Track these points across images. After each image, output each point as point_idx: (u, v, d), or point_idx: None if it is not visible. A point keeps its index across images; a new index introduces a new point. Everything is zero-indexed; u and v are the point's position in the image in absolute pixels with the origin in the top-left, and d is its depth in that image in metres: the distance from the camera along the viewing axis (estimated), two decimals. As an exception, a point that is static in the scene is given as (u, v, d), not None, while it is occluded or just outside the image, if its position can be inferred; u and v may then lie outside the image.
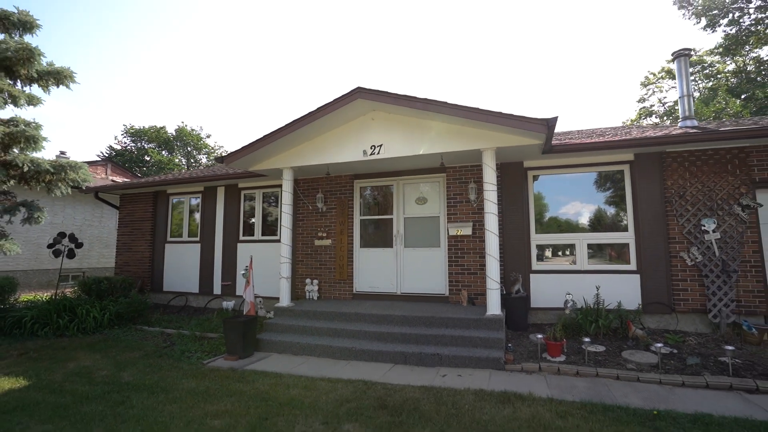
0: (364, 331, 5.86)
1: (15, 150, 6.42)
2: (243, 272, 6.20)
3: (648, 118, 23.69)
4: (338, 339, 5.89)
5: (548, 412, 3.64)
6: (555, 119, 5.05)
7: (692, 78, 22.35)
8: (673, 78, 23.75)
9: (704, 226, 5.95)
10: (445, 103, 5.49)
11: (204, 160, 40.47)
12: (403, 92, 5.81)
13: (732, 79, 19.01)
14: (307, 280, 7.85)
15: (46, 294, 10.23)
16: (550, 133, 5.34)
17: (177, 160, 37.28)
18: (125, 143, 36.96)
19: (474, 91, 70.13)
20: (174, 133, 37.89)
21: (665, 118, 22.34)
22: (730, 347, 4.49)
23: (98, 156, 35.11)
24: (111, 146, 35.84)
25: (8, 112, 14.67)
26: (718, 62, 19.77)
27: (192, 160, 39.98)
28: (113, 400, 4.15)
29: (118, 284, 8.70)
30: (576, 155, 6.56)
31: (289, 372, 5.02)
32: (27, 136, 5.62)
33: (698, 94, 22.00)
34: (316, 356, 5.67)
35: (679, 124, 7.36)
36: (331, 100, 6.08)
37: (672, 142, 5.97)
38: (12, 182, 6.94)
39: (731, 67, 20.03)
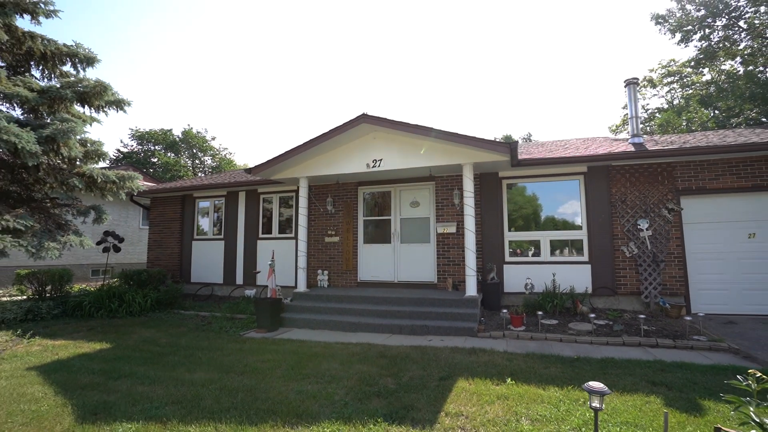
0: (367, 310, 7.31)
1: (78, 162, 7.84)
2: (270, 263, 7.63)
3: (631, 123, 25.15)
4: (346, 316, 7.33)
5: (501, 358, 5.11)
6: (516, 143, 6.52)
7: (670, 87, 23.89)
8: (655, 86, 25.32)
9: (640, 225, 7.43)
10: (432, 128, 6.95)
11: (209, 161, 41.86)
12: (400, 117, 7.27)
13: (710, 89, 20.41)
14: (319, 271, 9.31)
15: (87, 285, 11.65)
16: (513, 153, 6.80)
17: (183, 162, 38.63)
18: (132, 146, 38.26)
19: (477, 94, 71.60)
20: (180, 136, 39.21)
21: (646, 124, 23.83)
22: (642, 316, 6.00)
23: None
24: (119, 149, 37.12)
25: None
26: (692, 73, 21.26)
27: (197, 161, 41.38)
28: (182, 354, 5.60)
29: (155, 275, 10.15)
30: (540, 167, 8.03)
31: (310, 339, 6.47)
32: (98, 153, 7.05)
33: (677, 102, 23.55)
34: (329, 329, 7.11)
35: (629, 141, 8.83)
36: (341, 123, 7.53)
37: (614, 158, 7.45)
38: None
39: (708, 77, 21.53)
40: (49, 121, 6.46)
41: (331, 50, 72.85)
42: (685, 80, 22.53)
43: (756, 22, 17.52)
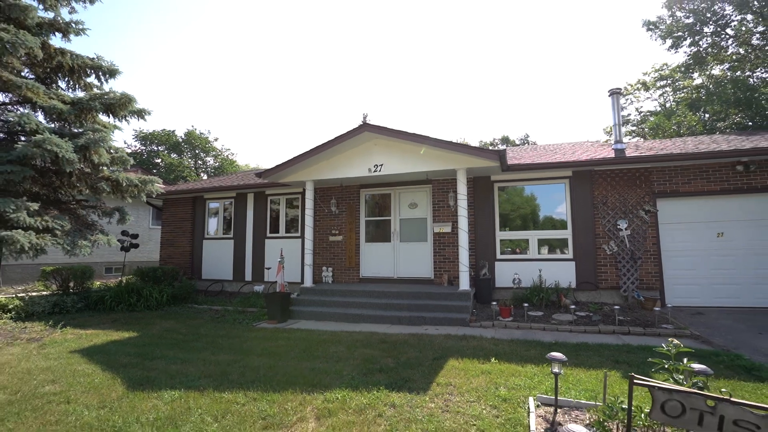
0: (369, 303, 7.97)
1: (103, 167, 8.48)
2: (279, 260, 8.28)
3: (624, 126, 25.87)
4: (350, 309, 7.99)
5: (488, 343, 5.77)
6: (504, 150, 7.18)
7: (663, 91, 24.58)
8: (648, 89, 25.97)
9: (619, 225, 8.09)
10: (428, 137, 7.60)
11: (211, 162, 42.59)
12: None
13: (701, 93, 21.01)
14: (324, 268, 9.97)
15: (102, 282, 12.29)
16: (502, 159, 7.45)
17: (186, 163, 39.29)
18: (136, 147, 38.87)
19: (478, 96, 72.21)
20: (183, 137, 39.87)
21: (639, 126, 24.48)
22: (617, 307, 6.67)
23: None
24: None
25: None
26: (683, 78, 21.90)
27: (200, 162, 42.09)
28: (204, 341, 6.25)
29: (169, 272, 10.79)
30: (528, 172, 8.68)
31: (317, 329, 7.12)
32: (123, 159, 7.70)
33: (669, 105, 24.21)
34: (335, 321, 7.76)
35: (612, 147, 9.49)
36: (345, 132, 8.18)
37: (596, 164, 8.11)
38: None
39: (699, 81, 22.16)
40: (79, 130, 7.13)
41: (332, 51, 73.45)
42: (677, 84, 23.18)
43: (742, 28, 18.17)
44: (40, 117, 7.78)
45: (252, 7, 62.30)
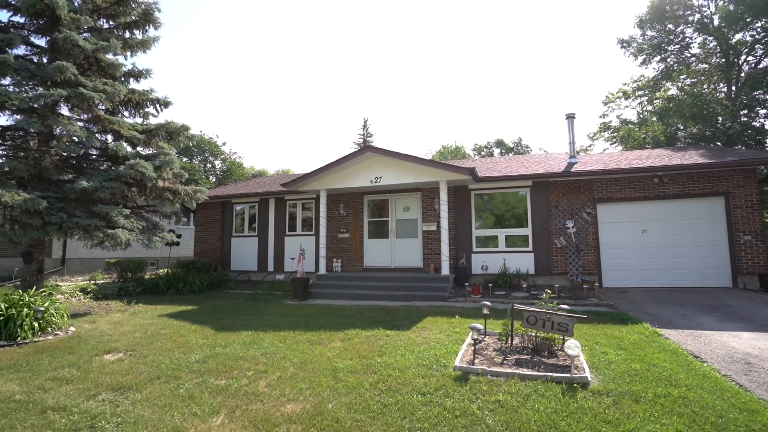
0: (371, 286, 10.20)
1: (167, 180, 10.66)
2: (301, 251, 10.53)
3: (605, 132, 28.12)
4: (356, 290, 10.21)
5: (458, 309, 8.00)
6: (474, 168, 9.42)
7: (640, 101, 26.77)
8: (628, 98, 28.16)
9: (567, 224, 10.31)
10: (417, 156, 9.84)
11: (219, 165, 44.95)
12: (395, 147, 10.13)
13: (669, 105, 23.25)
14: (334, 260, 12.20)
15: (149, 273, 14.55)
16: (474, 174, 9.67)
17: (196, 166, 41.57)
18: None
19: (478, 100, 74.40)
20: (193, 141, 42.16)
21: (617, 133, 26.68)
22: (557, 286, 8.90)
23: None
24: (137, 154, 39.90)
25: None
26: (653, 90, 24.09)
27: (208, 165, 44.44)
28: (250, 311, 8.48)
29: (205, 264, 13.06)
30: (497, 182, 10.91)
31: (332, 303, 9.34)
32: (180, 174, 9.91)
33: (644, 115, 26.40)
34: (345, 299, 9.98)
35: (567, 161, 11.70)
36: (351, 152, 10.41)
37: (549, 176, 10.33)
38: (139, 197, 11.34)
39: (672, 92, 24.36)
40: (151, 152, 9.38)
41: (333, 56, 75.66)
42: (652, 95, 25.38)
43: (704, 47, 20.36)
44: (109, 138, 10.03)
45: (250, 11, 64.49)
